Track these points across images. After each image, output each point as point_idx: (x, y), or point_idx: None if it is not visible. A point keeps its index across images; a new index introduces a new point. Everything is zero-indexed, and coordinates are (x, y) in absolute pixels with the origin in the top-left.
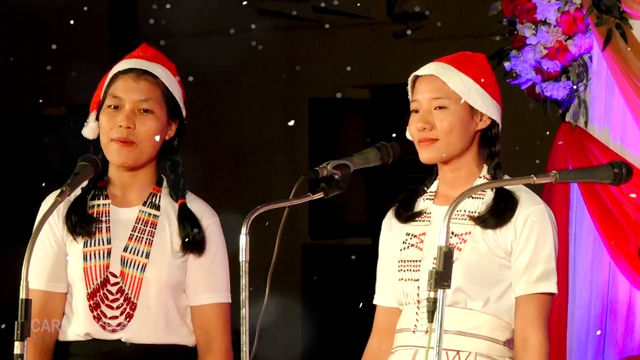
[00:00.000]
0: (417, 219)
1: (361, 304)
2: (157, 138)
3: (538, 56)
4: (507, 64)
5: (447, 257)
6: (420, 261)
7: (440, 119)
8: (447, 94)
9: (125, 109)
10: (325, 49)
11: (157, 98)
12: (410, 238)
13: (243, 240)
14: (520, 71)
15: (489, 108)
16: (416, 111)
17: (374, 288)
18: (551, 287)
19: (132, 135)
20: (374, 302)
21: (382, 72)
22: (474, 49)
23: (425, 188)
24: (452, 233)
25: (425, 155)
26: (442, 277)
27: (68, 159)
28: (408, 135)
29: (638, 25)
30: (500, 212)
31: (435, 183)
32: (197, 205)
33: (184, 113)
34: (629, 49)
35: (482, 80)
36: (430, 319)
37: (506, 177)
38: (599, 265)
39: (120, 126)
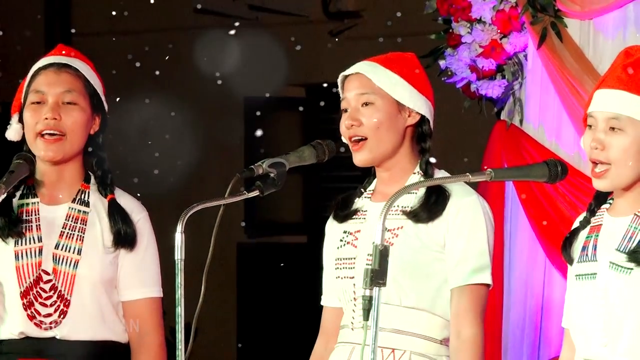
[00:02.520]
0: (353, 217)
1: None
2: (84, 130)
3: (473, 54)
4: (442, 63)
5: (382, 255)
6: (354, 258)
7: (367, 115)
8: (373, 90)
9: (49, 102)
10: (261, 47)
11: (80, 90)
12: (347, 236)
13: (178, 238)
14: (456, 69)
15: (416, 103)
16: (345, 110)
17: (310, 286)
18: (485, 278)
19: (59, 126)
20: (321, 302)
21: (317, 70)
22: (409, 48)
23: (363, 189)
24: (385, 228)
25: (358, 158)
26: (377, 275)
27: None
28: (343, 138)
29: (573, 24)
30: (431, 205)
31: (374, 182)
32: (125, 201)
33: (106, 107)
34: (564, 47)
35: (410, 76)
36: (366, 317)
37: (441, 172)
38: (534, 263)
39: (46, 118)
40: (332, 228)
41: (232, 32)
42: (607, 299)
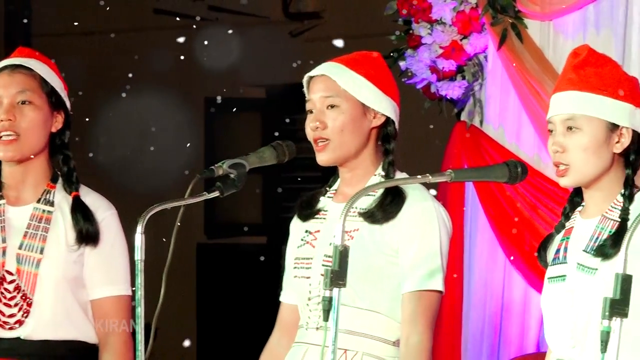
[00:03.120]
0: (316, 216)
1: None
2: (41, 128)
3: (433, 55)
4: (402, 64)
5: (342, 255)
6: (312, 259)
7: (332, 117)
8: (338, 93)
9: (4, 104)
10: (221, 48)
11: (35, 89)
12: (307, 235)
13: (138, 239)
14: (416, 70)
15: (381, 105)
16: (311, 111)
17: (270, 286)
18: (437, 284)
19: (13, 127)
20: (280, 298)
21: (277, 71)
22: (369, 49)
23: (328, 187)
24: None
25: (321, 158)
26: (337, 276)
27: None
28: (309, 138)
29: (533, 25)
30: (386, 207)
31: (338, 181)
32: (92, 198)
33: (68, 105)
34: (524, 48)
35: (375, 77)
36: (326, 317)
37: (403, 174)
38: (494, 264)
39: (2, 120)
40: (296, 226)
41: (193, 32)
42: (574, 300)
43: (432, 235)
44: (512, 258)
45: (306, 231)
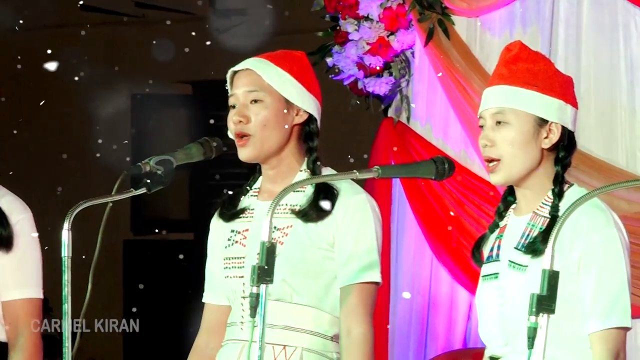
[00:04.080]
0: (241, 215)
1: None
2: None
3: (360, 52)
4: (329, 60)
5: (269, 252)
6: (244, 258)
7: (255, 112)
8: (262, 87)
9: None
10: (148, 45)
11: None
12: (235, 235)
13: (65, 235)
14: (343, 67)
15: (305, 102)
16: (234, 106)
17: (198, 282)
18: (374, 276)
19: None
20: (203, 300)
21: (204, 67)
22: (296, 45)
23: (248, 187)
24: (275, 227)
25: (242, 154)
26: (264, 273)
27: None
28: (230, 133)
29: (460, 22)
30: (320, 204)
31: (260, 179)
32: (7, 200)
33: None
34: (451, 44)
35: (300, 74)
36: (253, 314)
37: (330, 170)
38: (421, 260)
39: None
40: (218, 227)
41: (119, 28)
42: (505, 297)
43: (367, 227)
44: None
45: (232, 231)
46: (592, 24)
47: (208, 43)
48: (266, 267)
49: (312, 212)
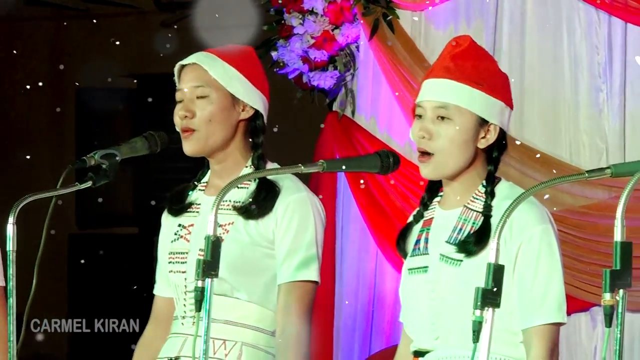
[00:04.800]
0: (188, 210)
1: (135, 288)
2: None
3: (305, 46)
4: (274, 54)
5: (214, 246)
6: (187, 253)
7: (200, 108)
8: (208, 83)
9: None
10: (93, 38)
11: None
12: (181, 229)
13: (10, 229)
14: (288, 61)
15: (251, 98)
16: (181, 101)
17: (141, 276)
18: (312, 275)
19: None
20: (154, 291)
21: (149, 61)
22: (241, 39)
23: (197, 182)
24: (217, 223)
25: (187, 148)
26: (209, 267)
27: None
28: (177, 128)
29: (405, 15)
30: (261, 201)
31: (208, 173)
32: None
33: None
34: (395, 38)
35: (247, 70)
36: (198, 308)
37: (274, 165)
38: (366, 254)
39: None
40: (167, 221)
41: (64, 22)
42: (437, 291)
43: (307, 226)
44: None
45: (179, 225)
46: (536, 18)
47: (152, 37)
48: (211, 261)
49: (253, 210)
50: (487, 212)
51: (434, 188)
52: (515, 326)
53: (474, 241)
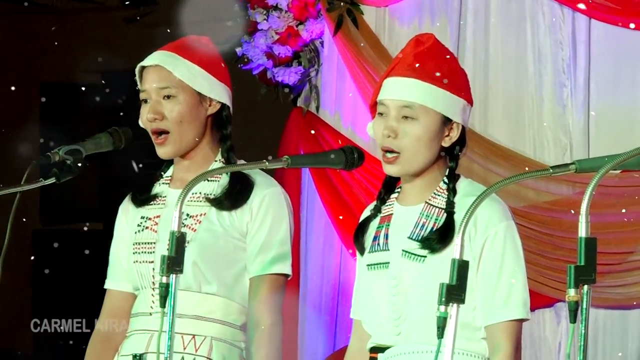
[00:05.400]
0: (152, 202)
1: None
2: None
3: (269, 41)
4: (238, 50)
5: (179, 242)
6: (154, 243)
7: (169, 109)
8: (173, 83)
9: None
10: (57, 34)
11: None
12: (145, 221)
13: None
14: (252, 56)
15: (217, 92)
16: (146, 101)
17: (106, 272)
18: (285, 268)
19: None
20: (105, 286)
21: (113, 57)
22: (206, 34)
23: (163, 173)
24: (188, 215)
25: (162, 151)
26: (174, 262)
27: None
28: (141, 123)
29: (369, 11)
30: (235, 194)
31: (172, 167)
32: None
33: None
34: (359, 34)
35: (209, 65)
36: (163, 304)
37: (241, 161)
38: (330, 249)
39: None
40: (129, 211)
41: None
42: (399, 287)
43: (281, 220)
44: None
45: (143, 217)
46: (500, 14)
47: (117, 32)
48: (175, 257)
49: (226, 201)
50: (450, 209)
51: (391, 184)
52: (477, 322)
53: (438, 238)
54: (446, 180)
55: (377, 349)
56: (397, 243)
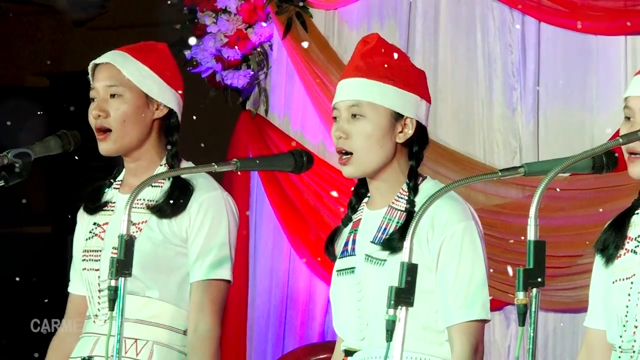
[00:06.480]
0: (104, 209)
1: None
2: None
3: (218, 44)
4: (187, 53)
5: (127, 245)
6: (100, 251)
7: (114, 107)
8: (121, 82)
9: None
10: (5, 37)
11: None
12: (96, 228)
13: None
14: (201, 59)
15: (165, 97)
16: (94, 99)
17: (55, 275)
18: (224, 273)
19: None
20: (69, 289)
21: (61, 60)
22: (155, 38)
23: (112, 180)
24: (130, 219)
25: (102, 148)
26: (122, 266)
27: None
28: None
29: (318, 14)
30: (175, 200)
31: (123, 172)
32: None
33: None
34: (309, 37)
35: (160, 69)
36: (111, 307)
37: (189, 164)
38: (279, 253)
39: None
40: (83, 219)
41: None
42: (363, 292)
43: (221, 224)
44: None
45: (94, 224)
46: (450, 17)
47: (65, 36)
48: (124, 260)
49: (166, 208)
50: (410, 208)
51: (360, 191)
52: (440, 325)
53: (398, 237)
54: (407, 180)
55: (348, 352)
56: (362, 248)
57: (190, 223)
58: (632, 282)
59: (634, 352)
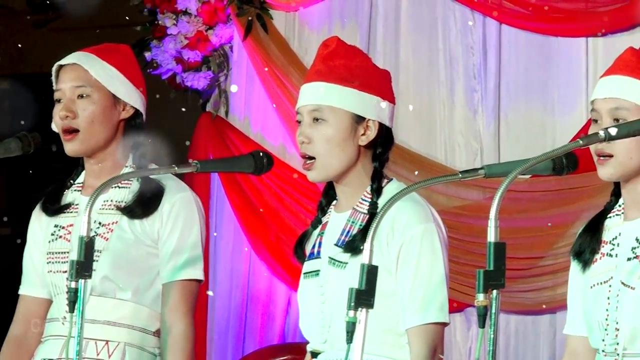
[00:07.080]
0: (65, 211)
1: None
2: None
3: (179, 46)
4: (148, 54)
5: (87, 247)
6: (67, 253)
7: (82, 108)
8: (89, 83)
9: None
10: None
11: None
12: (59, 230)
13: None
14: (161, 61)
15: (131, 97)
16: (59, 100)
17: (15, 278)
18: (197, 273)
19: None
20: (20, 292)
21: (21, 62)
22: (115, 39)
23: (72, 180)
24: (100, 223)
25: (69, 148)
26: (82, 267)
27: None
28: (53, 127)
29: (278, 16)
30: (146, 201)
31: (83, 174)
32: None
33: None
34: (269, 39)
35: (126, 69)
36: (71, 309)
37: (153, 166)
38: (239, 254)
39: None
40: (42, 220)
41: None
42: (326, 295)
43: (192, 224)
44: (246, 249)
45: (56, 226)
46: (411, 18)
47: (25, 37)
48: (84, 261)
49: (137, 209)
50: (372, 210)
51: (329, 193)
52: (400, 327)
53: (360, 238)
54: (371, 182)
55: (314, 354)
56: (327, 250)
57: (163, 223)
58: (610, 286)
59: (617, 354)
